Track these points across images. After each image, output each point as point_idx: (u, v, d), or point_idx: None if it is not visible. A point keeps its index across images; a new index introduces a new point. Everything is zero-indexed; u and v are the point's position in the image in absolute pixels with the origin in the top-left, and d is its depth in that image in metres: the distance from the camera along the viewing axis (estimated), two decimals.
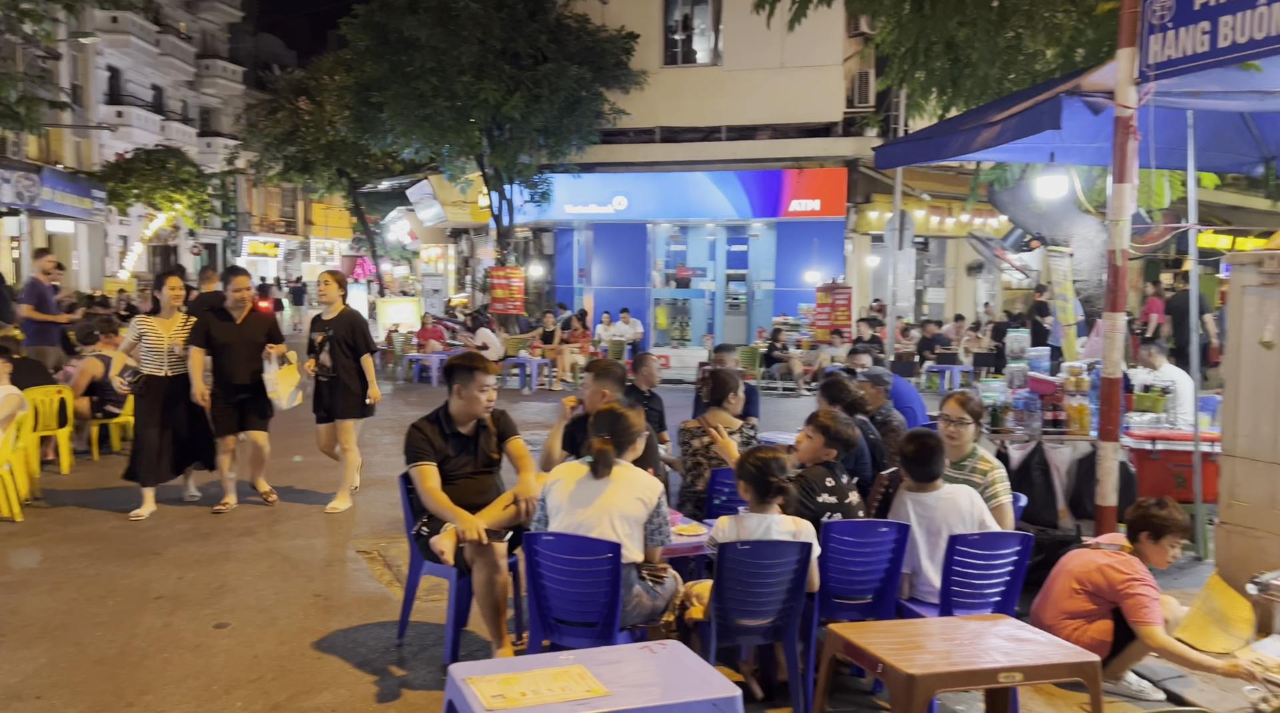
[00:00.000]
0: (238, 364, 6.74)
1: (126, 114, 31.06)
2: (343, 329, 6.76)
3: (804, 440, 4.26)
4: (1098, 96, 4.96)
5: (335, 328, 6.75)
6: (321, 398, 6.89)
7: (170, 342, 6.62)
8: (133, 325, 6.82)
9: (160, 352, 6.62)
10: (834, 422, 4.20)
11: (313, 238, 49.43)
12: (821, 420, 4.22)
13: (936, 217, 19.71)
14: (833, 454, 4.17)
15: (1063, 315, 7.22)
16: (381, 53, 17.28)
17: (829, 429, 4.16)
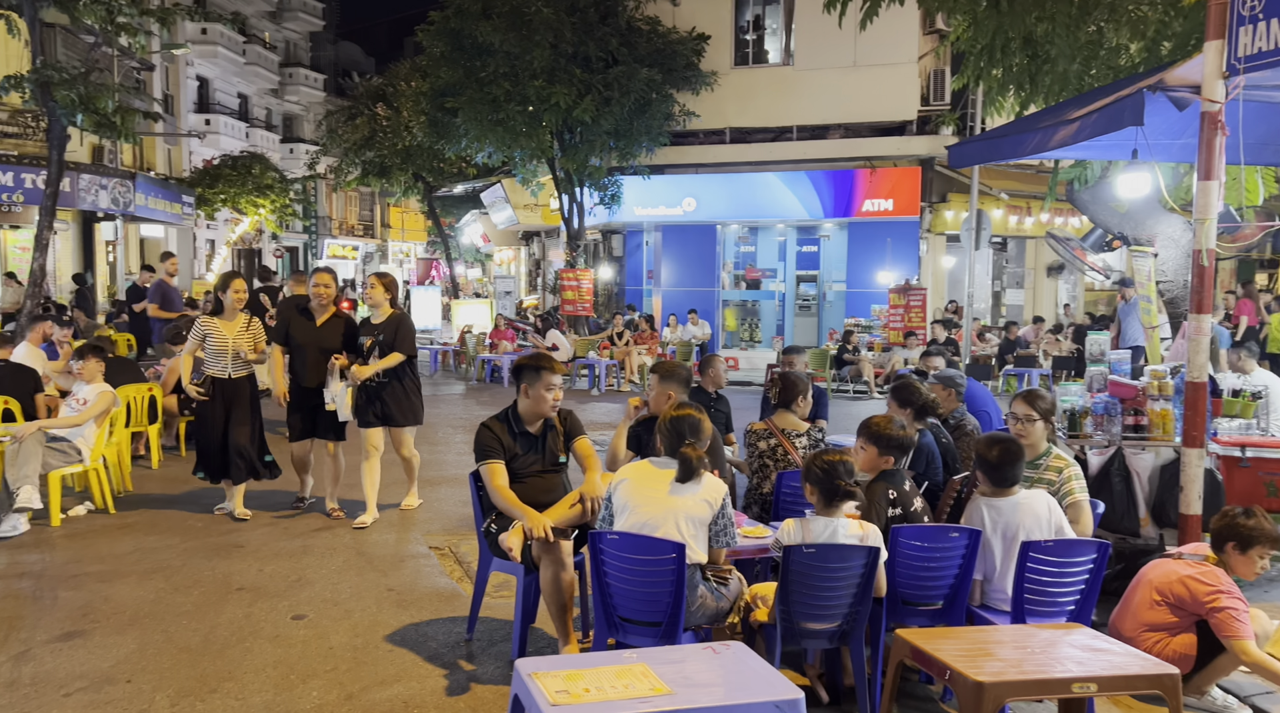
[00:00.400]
0: (310, 368, 6.62)
1: (214, 122, 32.23)
2: (390, 331, 6.53)
3: (858, 453, 4.19)
4: (1183, 91, 4.80)
5: (384, 332, 6.52)
6: (373, 403, 6.56)
7: (234, 344, 6.55)
8: (196, 327, 6.71)
9: (224, 353, 6.55)
10: (882, 427, 4.12)
11: (390, 241, 50.57)
12: (870, 429, 4.14)
13: (1015, 216, 19.23)
14: (890, 461, 4.08)
15: (1146, 317, 6.98)
16: (456, 59, 17.60)
17: (879, 435, 4.09)
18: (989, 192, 17.68)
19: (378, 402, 6.52)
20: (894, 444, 4.08)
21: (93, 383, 6.82)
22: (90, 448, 6.71)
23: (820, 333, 19.32)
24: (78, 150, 19.53)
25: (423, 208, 31.83)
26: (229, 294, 6.65)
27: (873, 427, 4.14)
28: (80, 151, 20.06)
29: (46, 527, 6.40)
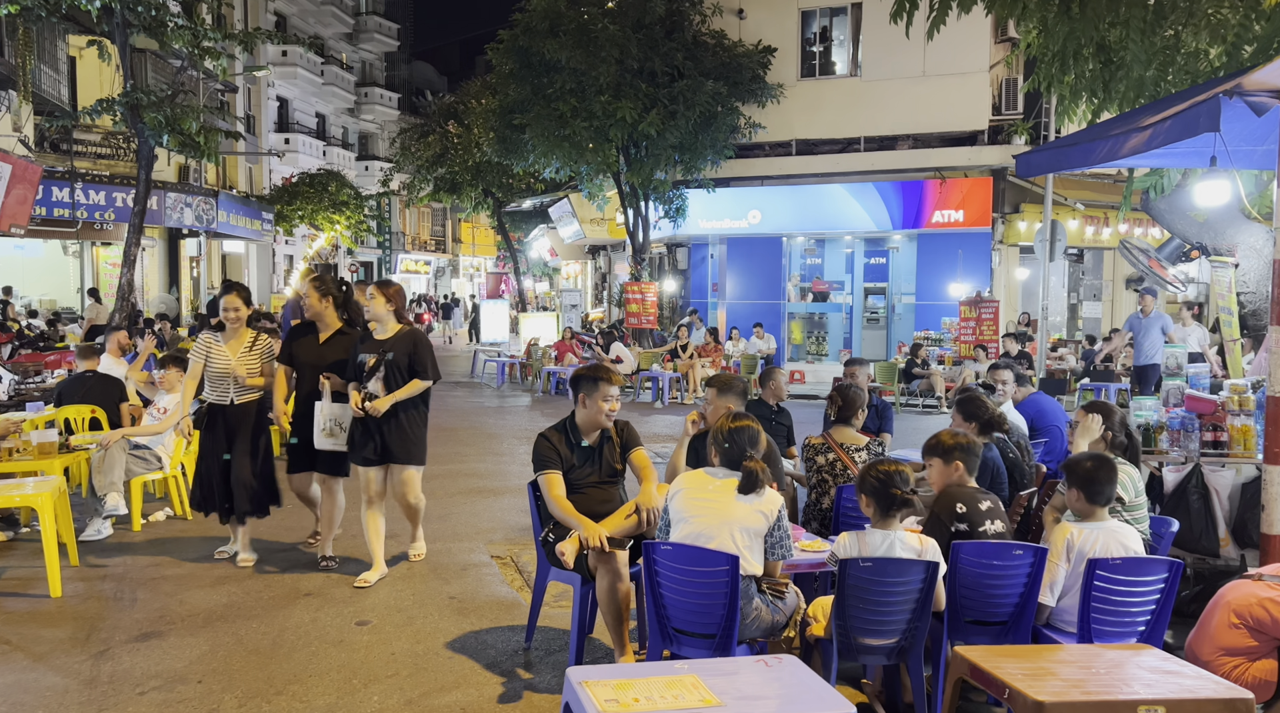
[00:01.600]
0: (311, 391, 5.71)
1: (293, 141, 33.32)
2: (402, 351, 5.45)
3: (929, 471, 4.13)
4: (1262, 96, 4.63)
5: (394, 350, 5.45)
6: (371, 436, 5.44)
7: (236, 367, 5.76)
8: (197, 346, 5.96)
9: (225, 377, 5.80)
10: (943, 438, 4.04)
11: (461, 255, 51.54)
12: (931, 444, 4.07)
13: (1091, 226, 18.71)
14: (959, 467, 4.01)
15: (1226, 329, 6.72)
16: (524, 76, 17.89)
17: (940, 446, 4.02)
18: (1064, 202, 17.25)
19: (377, 435, 5.45)
20: (955, 450, 4.00)
21: (172, 392, 7.09)
22: (170, 455, 6.98)
23: (889, 346, 19.03)
24: (165, 170, 20.39)
25: (492, 223, 32.39)
26: (222, 311, 5.84)
27: (932, 442, 4.09)
28: (167, 171, 20.93)
29: (128, 531, 6.66)
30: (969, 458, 4.03)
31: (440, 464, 9.39)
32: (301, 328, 5.98)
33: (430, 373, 5.52)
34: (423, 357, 5.52)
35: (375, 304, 5.54)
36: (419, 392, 5.49)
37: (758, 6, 18.72)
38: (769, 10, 18.67)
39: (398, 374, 5.45)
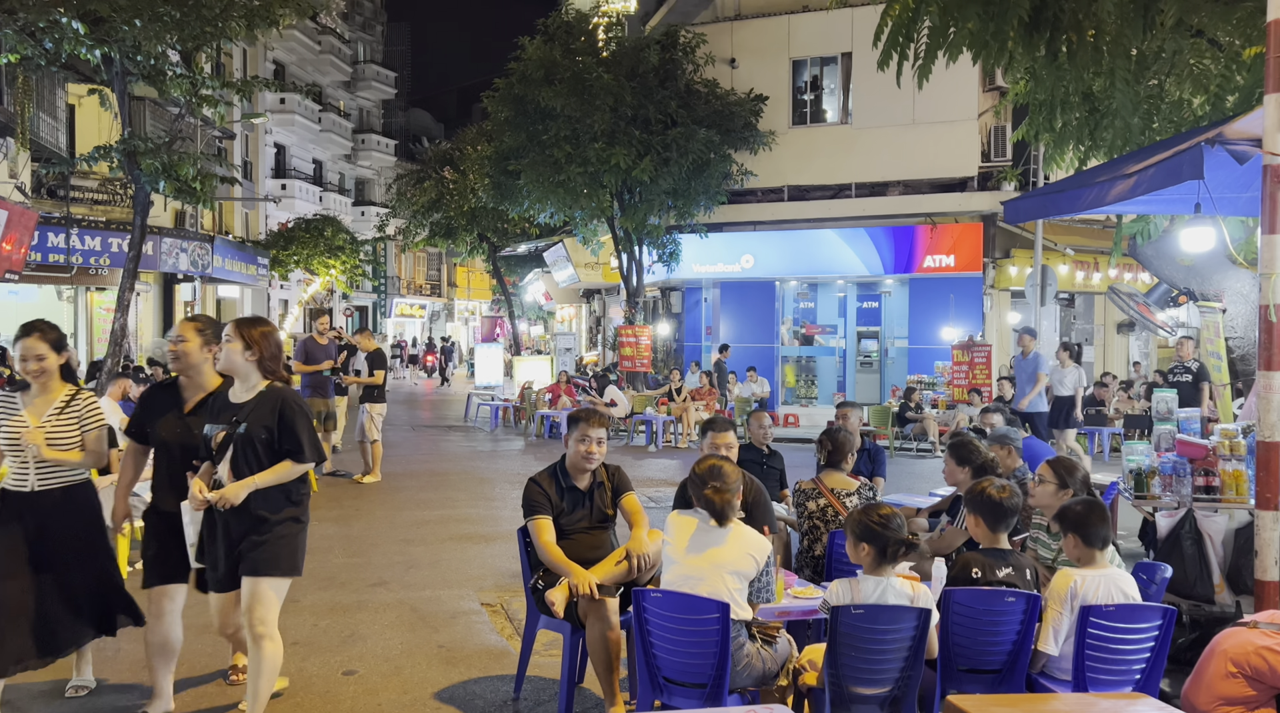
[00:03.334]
0: (172, 478, 4.19)
1: (290, 187, 33.58)
2: (261, 419, 3.87)
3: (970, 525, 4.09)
4: (1243, 144, 4.71)
5: (250, 417, 3.87)
6: (217, 541, 3.94)
7: (32, 437, 4.08)
8: None
9: (18, 450, 4.13)
10: (980, 489, 4.00)
11: (456, 299, 51.71)
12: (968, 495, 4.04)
13: (1082, 271, 18.87)
14: (995, 536, 3.94)
15: (1215, 374, 6.75)
16: (519, 123, 18.12)
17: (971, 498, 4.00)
18: (1054, 247, 17.41)
19: (223, 540, 3.92)
20: (985, 505, 3.93)
21: None
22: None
23: (882, 390, 19.05)
24: (161, 216, 20.50)
25: (487, 267, 32.58)
26: (19, 360, 4.20)
27: (970, 493, 4.04)
28: (164, 216, 21.05)
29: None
30: (998, 523, 3.91)
31: (431, 510, 9.33)
32: (160, 390, 4.37)
33: (308, 452, 3.88)
34: (294, 427, 3.86)
35: (230, 351, 3.91)
36: (289, 479, 3.90)
37: (749, 56, 19.05)
38: (761, 60, 18.99)
39: (253, 453, 3.85)
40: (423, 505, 9.54)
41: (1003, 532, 3.89)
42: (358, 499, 9.78)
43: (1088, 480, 4.42)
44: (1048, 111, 7.86)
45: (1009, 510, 3.86)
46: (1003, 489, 3.91)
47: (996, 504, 3.87)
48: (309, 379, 11.29)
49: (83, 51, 10.93)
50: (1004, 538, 3.90)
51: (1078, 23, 6.91)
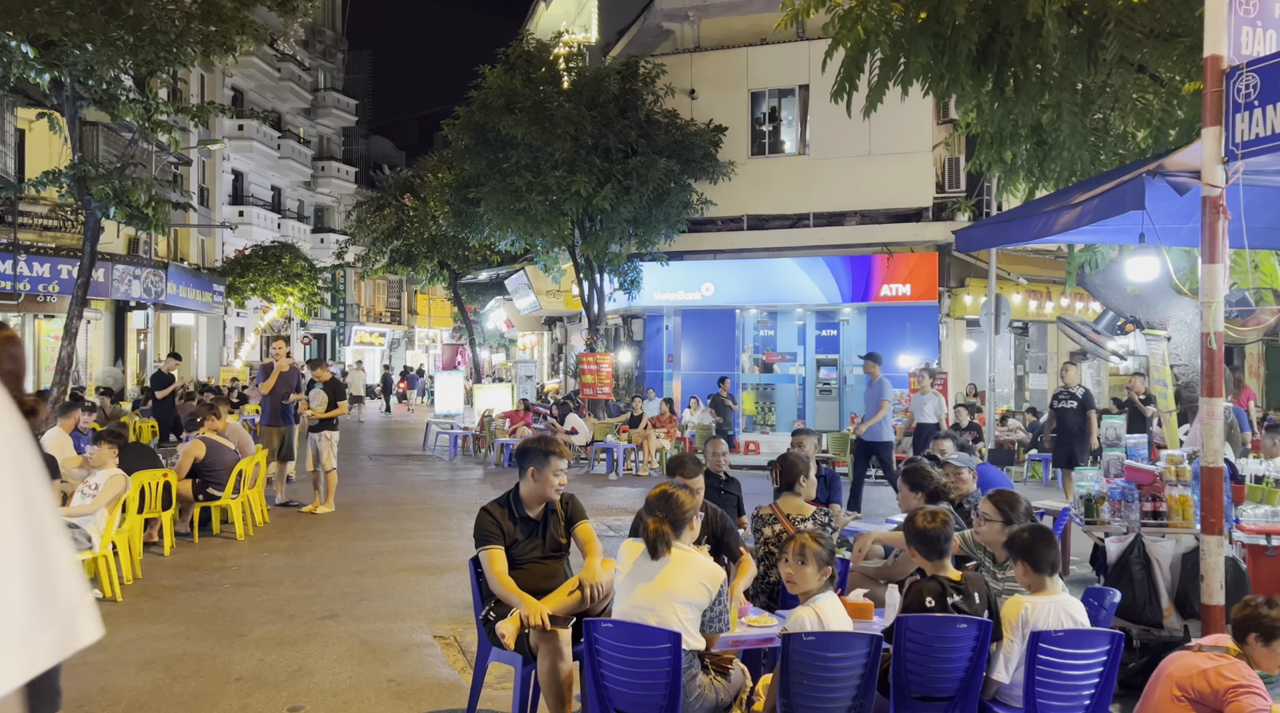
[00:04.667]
0: None
1: (247, 213, 33.21)
2: None
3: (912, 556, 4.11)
4: (1183, 176, 4.83)
5: None
6: None
7: None
8: None
9: None
10: (910, 520, 4.02)
11: (417, 327, 51.33)
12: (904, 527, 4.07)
13: (1035, 300, 19.21)
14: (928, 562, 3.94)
15: (1162, 401, 6.88)
16: (480, 151, 18.11)
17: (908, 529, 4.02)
18: (1007, 276, 17.72)
19: None
20: (917, 537, 3.94)
21: (104, 469, 6.87)
22: (101, 534, 6.73)
23: (841, 417, 19.16)
24: (114, 242, 20.14)
25: (448, 294, 32.40)
26: None
27: (904, 526, 4.06)
28: (116, 243, 20.68)
29: None
30: (932, 552, 3.93)
31: (386, 540, 9.18)
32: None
33: None
34: None
35: None
36: None
37: (709, 87, 19.26)
38: (720, 91, 19.21)
39: None
40: (377, 536, 9.39)
41: (940, 559, 3.89)
42: (310, 529, 9.59)
43: (1030, 512, 4.46)
44: (997, 144, 8.03)
45: (940, 538, 3.86)
46: (931, 518, 3.92)
47: (924, 533, 3.88)
48: (268, 406, 11.05)
49: (32, 75, 10.75)
50: (947, 563, 3.90)
51: (1024, 57, 7.08)
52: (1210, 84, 4.58)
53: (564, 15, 28.00)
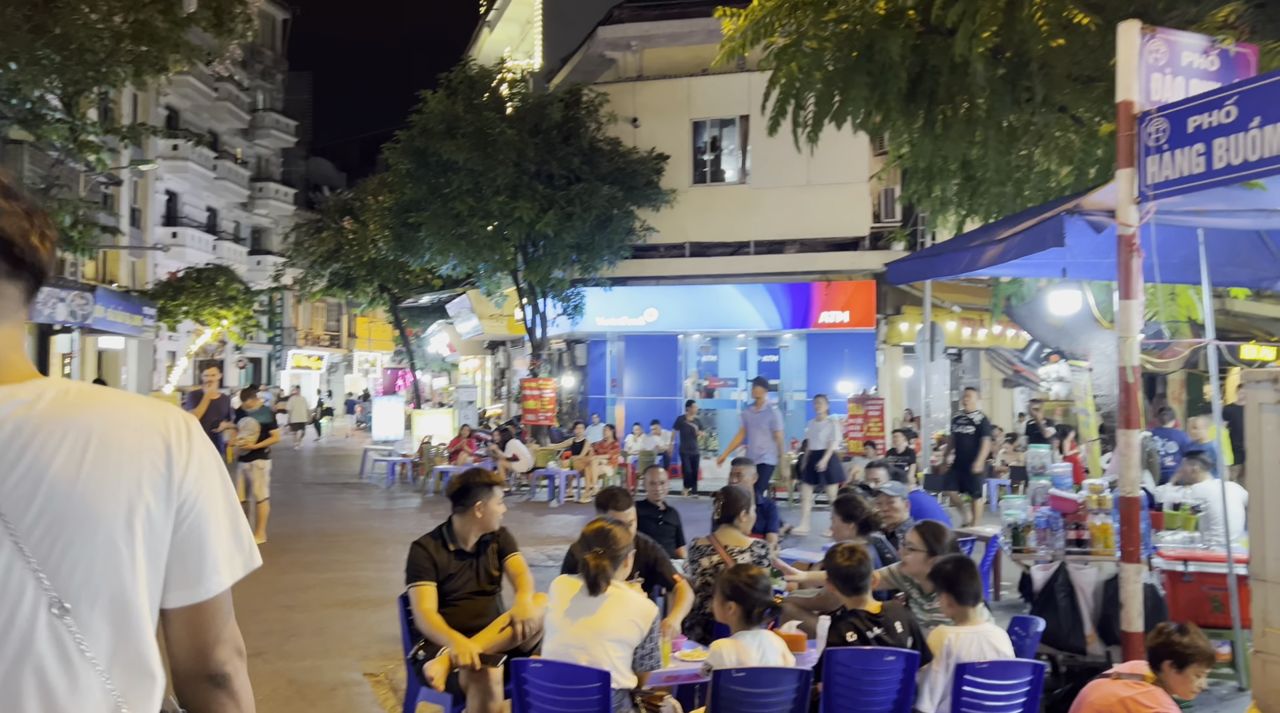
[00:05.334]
0: None
1: (181, 235, 32.47)
2: None
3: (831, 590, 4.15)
4: (1099, 215, 5.01)
5: None
6: None
7: None
8: None
9: None
10: (829, 558, 4.07)
11: (356, 351, 50.56)
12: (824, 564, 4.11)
13: (968, 328, 19.67)
14: (846, 597, 3.98)
15: (1085, 430, 7.09)
16: (421, 175, 18.01)
17: (827, 566, 4.06)
18: (941, 304, 18.12)
19: None
20: (836, 575, 3.98)
21: None
22: None
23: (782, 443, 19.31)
24: None
25: (389, 318, 32.01)
26: None
27: (824, 563, 4.11)
28: None
29: None
30: (849, 589, 3.96)
31: (318, 573, 8.98)
32: None
33: None
34: None
35: None
36: None
37: (651, 116, 19.46)
38: (662, 120, 19.42)
39: None
40: (309, 568, 9.17)
41: (859, 594, 3.92)
42: None
43: (955, 543, 4.55)
44: (927, 178, 8.24)
45: (857, 575, 3.90)
46: (849, 555, 3.95)
47: (842, 570, 3.93)
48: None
49: None
50: (866, 598, 3.94)
51: (953, 95, 7.30)
52: (1123, 128, 4.77)
53: (507, 41, 28.10)
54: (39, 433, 1.18)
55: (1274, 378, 4.50)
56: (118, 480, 1.21)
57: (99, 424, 1.22)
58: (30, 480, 1.16)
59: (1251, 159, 4.15)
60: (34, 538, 1.15)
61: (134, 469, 1.22)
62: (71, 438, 1.19)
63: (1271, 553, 4.51)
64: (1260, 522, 4.58)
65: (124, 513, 1.20)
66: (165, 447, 1.26)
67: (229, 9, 12.23)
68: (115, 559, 1.20)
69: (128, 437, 1.24)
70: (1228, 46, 4.97)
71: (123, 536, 1.20)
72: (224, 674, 1.34)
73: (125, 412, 1.26)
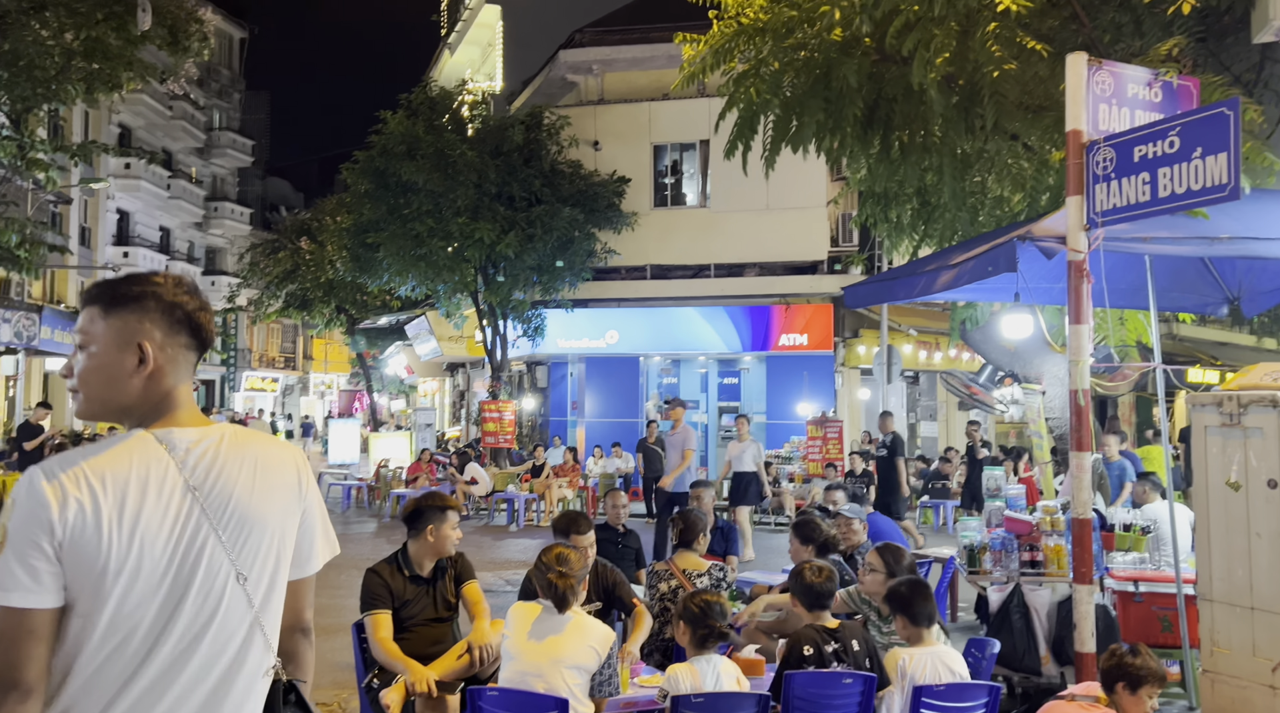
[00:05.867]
0: None
1: (132, 255, 31.88)
2: None
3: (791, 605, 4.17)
4: (1050, 241, 5.11)
5: None
6: None
7: None
8: None
9: None
10: (798, 573, 4.08)
11: (312, 372, 49.87)
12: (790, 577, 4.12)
13: (924, 351, 19.94)
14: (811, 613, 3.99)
15: (1038, 452, 7.20)
16: (380, 196, 17.89)
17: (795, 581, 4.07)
18: (898, 328, 18.36)
19: None
20: (802, 590, 3.99)
21: None
22: None
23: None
24: None
25: (346, 339, 31.64)
26: None
27: (791, 576, 4.12)
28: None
29: None
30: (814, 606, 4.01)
31: None
32: None
33: None
34: None
35: None
36: None
37: (613, 139, 19.55)
38: (623, 143, 19.52)
39: None
40: None
41: (821, 610, 3.96)
42: None
43: (913, 566, 4.58)
44: (883, 203, 8.36)
45: (824, 592, 3.94)
46: (818, 572, 4.00)
47: (810, 587, 3.96)
48: None
49: None
50: (825, 615, 3.97)
51: (908, 122, 7.43)
52: (1072, 156, 4.88)
53: (469, 63, 28.11)
54: (228, 462, 1.75)
55: (1218, 402, 4.60)
56: (274, 495, 1.81)
57: (261, 456, 1.81)
58: (224, 493, 1.73)
59: (1195, 188, 4.27)
60: (228, 532, 1.73)
61: (283, 488, 1.84)
62: (247, 466, 1.77)
63: (1218, 574, 4.60)
64: (1207, 543, 4.67)
65: (279, 517, 1.82)
66: (296, 473, 1.88)
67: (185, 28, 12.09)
68: (273, 547, 1.80)
69: (274, 466, 1.83)
70: (1171, 79, 5.12)
71: (277, 533, 1.81)
72: (308, 627, 1.97)
73: (271, 449, 1.86)
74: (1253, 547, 4.42)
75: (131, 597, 1.63)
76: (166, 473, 1.68)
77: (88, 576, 1.60)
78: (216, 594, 1.69)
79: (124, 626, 1.63)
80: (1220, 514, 4.59)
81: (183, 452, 1.71)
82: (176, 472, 1.69)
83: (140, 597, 1.63)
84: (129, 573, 1.62)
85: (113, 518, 1.61)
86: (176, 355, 1.76)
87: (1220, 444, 4.58)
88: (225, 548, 1.70)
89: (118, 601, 1.62)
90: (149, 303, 1.73)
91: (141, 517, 1.64)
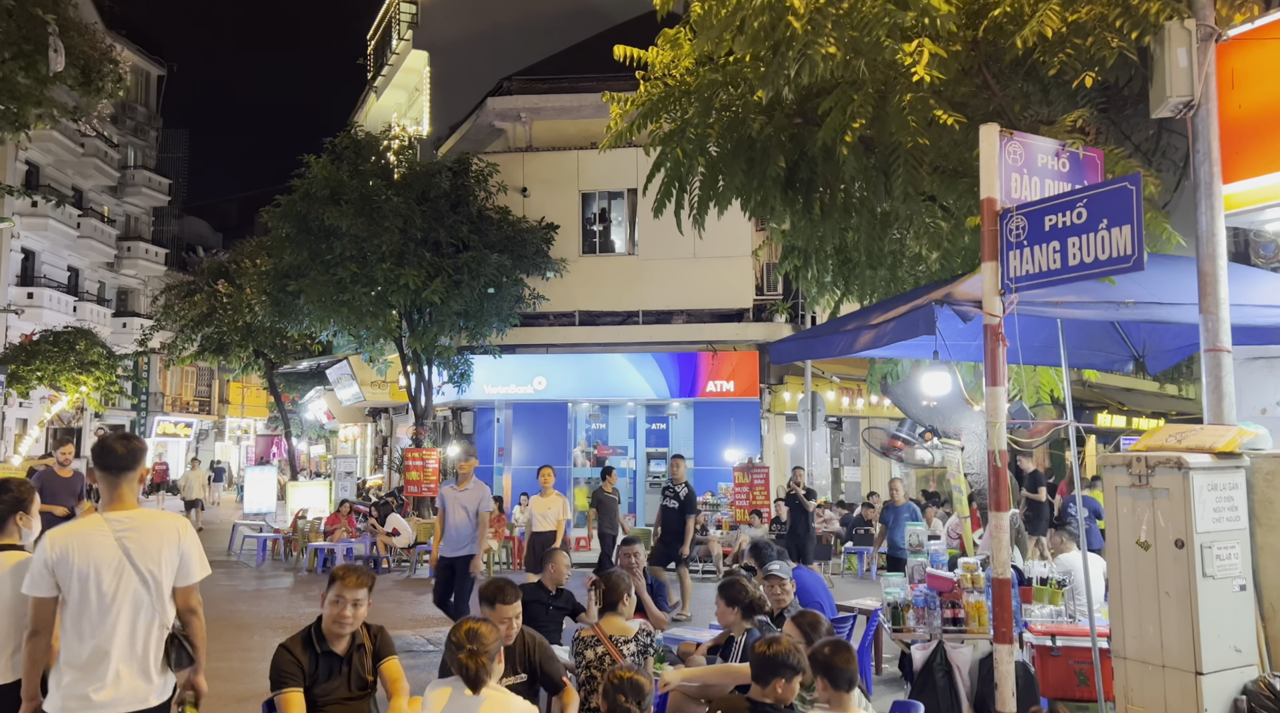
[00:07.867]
0: None
1: (37, 296, 30.60)
2: None
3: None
4: (967, 305, 5.25)
5: None
6: None
7: None
8: None
9: None
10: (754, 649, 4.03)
11: (228, 417, 48.33)
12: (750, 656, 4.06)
13: (847, 397, 20.30)
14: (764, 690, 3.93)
15: (958, 506, 7.34)
16: (302, 240, 17.54)
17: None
18: (822, 375, 18.67)
19: None
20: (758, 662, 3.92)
21: None
22: None
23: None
24: None
25: (264, 384, 30.78)
26: None
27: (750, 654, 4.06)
28: None
29: None
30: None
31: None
32: None
33: None
34: None
35: None
36: None
37: (541, 186, 19.60)
38: (552, 190, 19.59)
39: None
40: None
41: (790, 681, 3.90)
42: None
43: (831, 630, 4.59)
44: (804, 258, 8.52)
45: (784, 664, 3.87)
46: (770, 643, 3.95)
47: (762, 657, 3.91)
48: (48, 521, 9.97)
49: None
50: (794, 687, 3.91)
51: (829, 182, 7.61)
52: (987, 223, 5.03)
53: (395, 108, 27.98)
54: (142, 530, 3.61)
55: (1128, 463, 4.75)
56: (163, 541, 3.64)
57: (161, 526, 3.68)
58: (136, 541, 3.58)
59: (1102, 258, 4.45)
60: (139, 560, 3.58)
61: (168, 540, 3.66)
62: (154, 533, 3.63)
63: (1130, 631, 4.71)
64: (1119, 601, 4.79)
65: (167, 553, 3.63)
66: (176, 532, 3.70)
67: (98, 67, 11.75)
68: (161, 568, 3.62)
69: (164, 528, 3.68)
70: (1077, 150, 5.34)
71: (164, 562, 3.63)
72: (195, 608, 3.77)
73: (163, 519, 3.73)
74: (1162, 605, 4.55)
75: (89, 590, 3.47)
76: (106, 531, 3.56)
77: (65, 580, 3.48)
78: (132, 590, 3.53)
79: (87, 602, 3.48)
80: (1131, 573, 4.72)
81: (115, 523, 3.58)
82: (111, 531, 3.56)
83: (94, 590, 3.48)
84: (91, 580, 3.48)
85: (76, 553, 3.48)
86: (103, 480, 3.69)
87: (1130, 504, 4.72)
88: (135, 568, 3.55)
89: (80, 592, 3.47)
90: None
91: (91, 552, 3.50)
